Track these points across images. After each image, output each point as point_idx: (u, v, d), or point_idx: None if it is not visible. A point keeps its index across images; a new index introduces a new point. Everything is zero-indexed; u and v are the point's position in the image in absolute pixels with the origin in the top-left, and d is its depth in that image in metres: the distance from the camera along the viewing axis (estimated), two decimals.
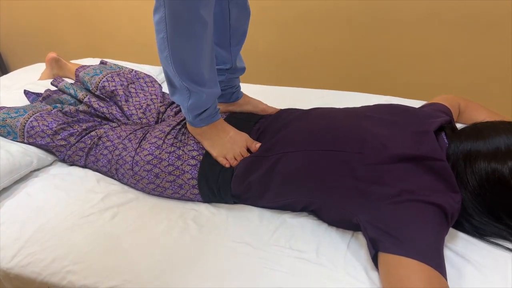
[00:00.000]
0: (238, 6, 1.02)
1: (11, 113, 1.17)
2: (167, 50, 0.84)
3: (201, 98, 0.92)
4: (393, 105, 1.05)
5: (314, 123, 0.97)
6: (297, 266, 0.81)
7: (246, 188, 0.95)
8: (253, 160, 0.94)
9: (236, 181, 0.95)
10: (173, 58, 0.85)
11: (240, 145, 0.99)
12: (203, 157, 0.98)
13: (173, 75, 0.88)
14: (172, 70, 0.87)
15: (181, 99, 0.93)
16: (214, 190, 0.97)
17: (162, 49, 0.85)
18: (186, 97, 0.92)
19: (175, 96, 0.95)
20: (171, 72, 0.88)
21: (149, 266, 0.83)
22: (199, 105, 0.94)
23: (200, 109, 0.95)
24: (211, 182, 0.96)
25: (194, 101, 0.92)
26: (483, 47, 1.81)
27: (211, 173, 0.96)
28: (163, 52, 0.85)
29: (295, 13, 2.02)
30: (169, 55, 0.85)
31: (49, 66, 1.57)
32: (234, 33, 1.05)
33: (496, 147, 0.79)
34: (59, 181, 1.09)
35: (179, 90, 0.92)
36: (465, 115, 1.20)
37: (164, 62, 0.87)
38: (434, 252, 0.70)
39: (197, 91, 0.91)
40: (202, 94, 0.92)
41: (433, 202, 0.74)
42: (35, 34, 2.67)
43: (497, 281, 0.75)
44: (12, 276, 0.87)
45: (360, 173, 0.81)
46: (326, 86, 1.71)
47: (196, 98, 0.92)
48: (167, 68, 0.89)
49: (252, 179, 0.93)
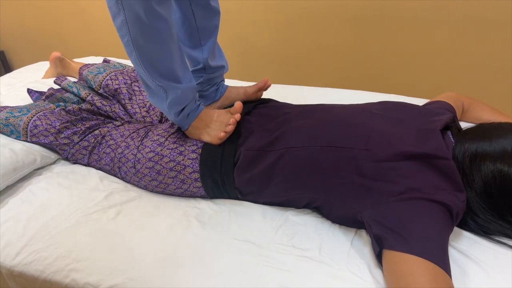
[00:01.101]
0: (201, 6, 1.03)
1: (14, 112, 1.18)
2: (134, 52, 0.85)
3: (177, 94, 0.93)
4: (398, 102, 1.04)
5: (318, 118, 0.96)
6: (300, 264, 0.81)
7: (249, 182, 0.95)
8: (255, 154, 0.93)
9: (238, 173, 0.94)
10: (142, 59, 0.86)
11: (227, 116, 1.01)
12: (201, 149, 0.98)
13: (145, 76, 0.89)
14: (143, 71, 0.88)
15: (159, 99, 0.94)
16: (218, 181, 0.97)
17: (129, 52, 0.86)
18: (164, 97, 0.93)
19: (152, 98, 0.96)
20: (142, 73, 0.89)
21: (152, 263, 0.83)
22: (177, 101, 0.95)
23: (179, 105, 0.96)
24: (214, 173, 0.96)
25: (172, 99, 0.93)
26: (487, 45, 1.81)
27: (212, 164, 0.96)
28: (131, 55, 0.86)
29: (297, 11, 2.01)
30: (137, 57, 0.86)
31: (53, 65, 1.57)
32: (203, 32, 1.06)
33: (502, 148, 0.79)
34: (62, 179, 1.09)
35: (154, 90, 0.93)
36: (468, 114, 1.20)
37: (135, 64, 0.88)
38: (439, 249, 0.70)
39: (172, 87, 0.92)
40: (178, 90, 0.93)
41: (438, 200, 0.74)
42: (39, 32, 2.68)
43: (501, 279, 0.75)
44: (15, 273, 0.88)
45: (366, 170, 0.81)
46: (329, 84, 1.71)
47: (173, 95, 0.93)
48: (138, 70, 0.90)
49: (255, 173, 0.93)
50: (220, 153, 0.97)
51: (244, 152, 0.94)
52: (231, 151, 0.96)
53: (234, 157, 0.96)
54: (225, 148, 0.97)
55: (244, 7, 2.08)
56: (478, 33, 1.79)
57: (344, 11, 1.93)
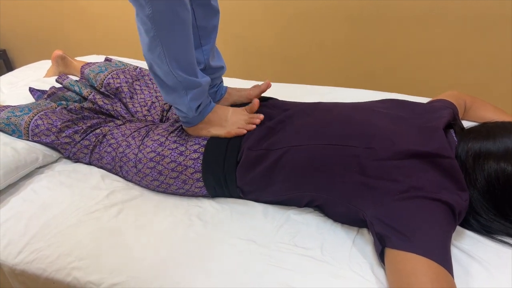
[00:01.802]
0: (202, 6, 1.02)
1: (16, 111, 1.18)
2: (159, 47, 0.84)
3: (197, 88, 0.93)
4: (400, 100, 1.04)
5: (320, 117, 0.96)
6: (301, 263, 0.81)
7: (251, 181, 0.94)
8: (258, 153, 0.93)
9: (241, 172, 0.94)
10: (168, 53, 0.85)
11: (244, 113, 1.02)
12: (205, 148, 0.98)
13: (166, 73, 0.88)
14: (166, 67, 0.87)
15: (178, 96, 0.93)
16: (221, 180, 0.96)
17: (153, 48, 0.84)
18: (183, 93, 0.92)
19: (170, 96, 0.94)
20: (165, 70, 0.87)
21: (153, 262, 0.83)
22: (197, 96, 0.94)
23: (198, 100, 0.96)
24: (217, 171, 0.96)
25: (193, 94, 0.93)
26: (489, 44, 1.80)
27: (215, 163, 0.96)
28: (155, 51, 0.85)
29: (298, 9, 2.01)
30: (163, 52, 0.84)
31: (55, 63, 1.57)
32: (203, 32, 1.06)
33: (506, 148, 0.79)
34: (64, 178, 1.09)
35: (173, 88, 0.92)
36: (471, 112, 1.19)
37: (157, 61, 0.87)
38: (441, 249, 0.70)
39: (192, 82, 0.91)
40: (199, 84, 0.92)
41: (441, 199, 0.74)
42: (40, 31, 2.69)
43: (504, 279, 0.75)
44: (17, 272, 0.88)
45: (368, 168, 0.81)
46: (331, 83, 1.70)
47: (193, 90, 0.92)
48: (159, 67, 0.88)
49: (257, 172, 0.93)
50: (223, 152, 0.96)
51: (246, 151, 0.94)
52: (234, 149, 0.96)
53: (237, 156, 0.95)
54: (228, 147, 0.97)
55: (244, 6, 2.08)
56: (479, 31, 1.78)
57: (346, 10, 1.93)
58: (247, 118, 1.01)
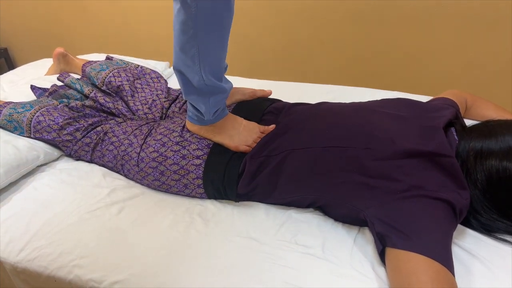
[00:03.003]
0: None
1: (18, 108, 1.18)
2: (195, 49, 0.81)
3: (222, 94, 0.91)
4: (400, 99, 1.04)
5: (321, 119, 0.96)
6: (303, 261, 0.81)
7: (253, 188, 0.94)
8: (260, 160, 0.93)
9: (243, 182, 0.94)
10: (201, 55, 0.82)
11: (256, 131, 0.99)
12: (207, 156, 0.97)
13: (196, 75, 0.85)
14: (198, 69, 0.84)
15: (201, 98, 0.91)
16: (220, 190, 0.96)
17: (187, 49, 0.81)
18: (207, 97, 0.90)
19: (192, 96, 0.91)
20: (195, 71, 0.85)
21: (155, 260, 0.83)
22: (219, 101, 0.93)
23: (219, 105, 0.94)
24: (217, 182, 0.96)
25: (215, 100, 0.91)
26: (490, 42, 1.80)
27: (217, 173, 0.95)
28: (189, 52, 0.82)
29: (301, 8, 2.01)
30: (197, 53, 0.81)
31: (56, 61, 1.57)
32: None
33: (508, 146, 0.79)
34: (65, 175, 1.09)
35: (198, 90, 0.89)
36: (472, 111, 1.19)
37: (189, 62, 0.84)
38: (442, 247, 0.70)
39: (218, 88, 0.89)
40: (224, 90, 0.91)
41: (442, 198, 0.74)
42: (41, 29, 2.69)
43: (505, 277, 0.75)
44: (19, 270, 0.88)
45: (368, 168, 0.81)
46: (332, 81, 1.71)
47: (217, 96, 0.90)
48: (190, 68, 0.85)
49: (259, 179, 0.93)
50: (226, 162, 0.96)
51: (249, 160, 0.94)
52: (238, 159, 0.96)
53: (239, 167, 0.95)
54: (232, 157, 0.96)
55: (247, 5, 2.08)
56: (481, 30, 1.78)
57: (348, 8, 1.93)
58: (258, 137, 0.98)
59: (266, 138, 0.97)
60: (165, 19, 2.29)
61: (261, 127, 1.00)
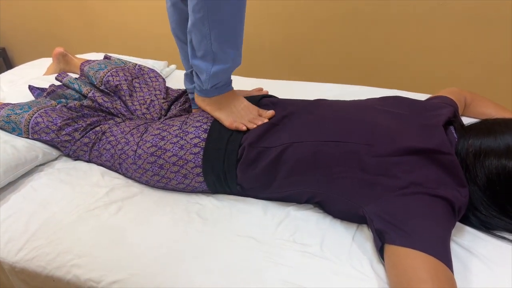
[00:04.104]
0: None
1: (16, 109, 1.18)
2: (204, 10, 0.81)
3: (226, 65, 0.91)
4: (400, 97, 1.04)
5: (321, 114, 0.96)
6: (301, 259, 0.81)
7: (252, 178, 0.94)
8: (259, 150, 0.93)
9: (242, 169, 0.94)
10: (211, 19, 0.82)
11: (254, 113, 1.00)
12: (205, 143, 0.97)
13: (203, 36, 0.85)
14: (207, 31, 0.84)
15: (204, 64, 0.91)
16: (221, 176, 0.96)
17: (197, 10, 0.82)
18: (210, 64, 0.90)
19: (197, 60, 0.92)
20: (203, 33, 0.85)
21: (153, 259, 0.83)
22: (221, 72, 0.93)
23: (220, 79, 0.95)
24: (217, 168, 0.95)
25: (218, 69, 0.91)
26: (489, 40, 1.80)
27: (217, 159, 0.95)
28: (198, 13, 0.82)
29: (299, 6, 2.01)
30: (206, 15, 0.81)
31: (56, 60, 1.57)
32: None
33: (507, 144, 0.79)
34: (64, 175, 1.09)
35: (204, 55, 0.89)
36: (471, 108, 1.19)
37: (199, 24, 0.84)
38: (441, 244, 0.70)
39: (224, 56, 0.89)
40: (228, 63, 0.91)
41: (441, 195, 0.74)
42: (40, 29, 2.68)
43: (504, 275, 0.75)
44: (18, 269, 0.88)
45: (368, 164, 0.81)
46: (331, 79, 1.70)
47: (220, 65, 0.90)
48: (198, 30, 0.85)
49: (259, 169, 0.92)
50: (224, 148, 0.96)
51: (247, 148, 0.94)
52: (235, 146, 0.95)
53: (237, 153, 0.95)
54: (229, 143, 0.96)
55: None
56: (480, 28, 1.78)
57: (346, 7, 1.92)
58: (254, 117, 0.99)
59: (264, 127, 0.96)
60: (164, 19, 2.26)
61: (260, 110, 1.01)
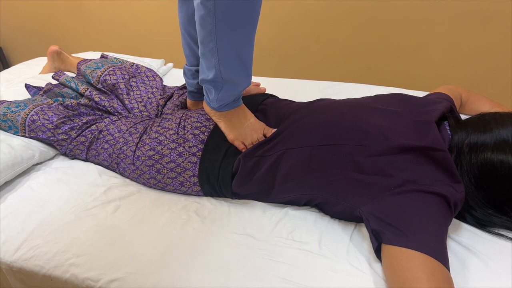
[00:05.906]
0: None
1: (12, 107, 1.17)
2: (213, 43, 0.80)
3: (234, 91, 0.91)
4: (394, 94, 1.04)
5: (314, 117, 0.96)
6: (299, 257, 0.81)
7: (247, 188, 0.95)
8: (254, 160, 0.93)
9: (237, 181, 0.94)
10: (220, 50, 0.81)
11: (259, 132, 0.99)
12: (202, 153, 0.97)
13: (212, 66, 0.84)
14: (216, 63, 0.83)
15: (212, 86, 0.90)
16: (216, 187, 0.97)
17: (206, 43, 0.81)
18: (218, 88, 0.90)
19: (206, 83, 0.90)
20: (213, 64, 0.84)
21: (151, 258, 0.83)
22: (230, 94, 0.92)
23: (229, 99, 0.94)
24: (212, 180, 0.96)
25: (225, 94, 0.91)
26: (485, 38, 1.80)
27: (211, 171, 0.96)
28: (207, 45, 0.81)
29: (298, 5, 2.00)
30: (215, 48, 0.81)
31: (51, 59, 1.56)
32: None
33: (503, 139, 0.78)
34: (61, 174, 1.09)
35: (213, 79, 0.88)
36: (467, 106, 1.19)
37: (208, 55, 0.83)
38: (437, 243, 0.70)
39: (233, 81, 0.88)
40: (238, 87, 0.90)
41: (436, 191, 0.74)
42: (36, 28, 2.67)
43: (501, 272, 0.75)
44: (15, 269, 0.87)
45: (362, 165, 0.81)
46: (328, 77, 1.70)
47: (230, 86, 0.90)
48: (208, 60, 0.84)
49: (254, 179, 0.93)
50: (220, 159, 0.96)
51: (243, 158, 0.94)
52: (232, 156, 0.96)
53: (232, 167, 0.95)
54: (227, 154, 0.97)
55: None
56: (477, 26, 1.78)
57: (343, 5, 1.92)
58: (258, 139, 0.98)
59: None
60: (161, 17, 2.28)
61: (266, 128, 1.00)
